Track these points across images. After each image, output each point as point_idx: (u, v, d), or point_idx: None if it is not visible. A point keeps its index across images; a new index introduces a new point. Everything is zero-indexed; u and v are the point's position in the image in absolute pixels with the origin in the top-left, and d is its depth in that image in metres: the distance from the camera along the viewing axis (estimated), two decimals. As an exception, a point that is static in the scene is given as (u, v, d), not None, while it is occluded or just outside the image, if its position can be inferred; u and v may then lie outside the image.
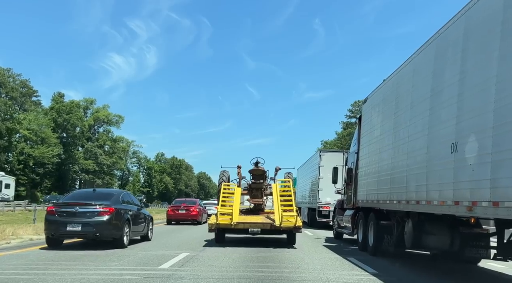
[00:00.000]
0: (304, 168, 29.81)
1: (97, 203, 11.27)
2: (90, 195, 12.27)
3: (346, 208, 15.70)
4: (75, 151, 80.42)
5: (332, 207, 22.52)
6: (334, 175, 17.44)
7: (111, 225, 11.15)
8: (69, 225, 10.89)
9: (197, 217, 27.18)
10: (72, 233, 11.08)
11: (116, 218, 11.33)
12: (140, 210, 13.47)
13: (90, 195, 12.30)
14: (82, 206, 11.15)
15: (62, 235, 11.24)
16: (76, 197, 12.21)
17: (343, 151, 23.67)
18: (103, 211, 11.10)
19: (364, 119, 13.09)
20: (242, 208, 15.28)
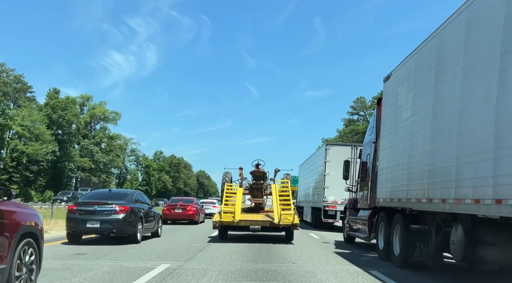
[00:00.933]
0: (307, 164, 27.50)
1: (114, 202, 12.35)
2: (107, 195, 13.44)
3: (360, 208, 13.41)
4: (71, 148, 78.06)
5: (339, 206, 20.24)
6: (345, 170, 15.12)
7: (127, 222, 12.18)
8: (88, 222, 11.95)
9: (194, 216, 25.00)
10: (92, 229, 12.17)
11: (130, 216, 12.33)
12: (151, 209, 14.56)
13: (106, 195, 13.45)
14: (100, 205, 12.24)
15: (82, 231, 12.25)
16: (95, 197, 13.41)
17: (352, 145, 21.36)
18: (119, 209, 12.16)
19: (386, 100, 10.77)
20: (244, 207, 15.89)
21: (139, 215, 12.84)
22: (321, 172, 21.57)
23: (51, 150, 69.11)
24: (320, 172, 21.85)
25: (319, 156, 22.30)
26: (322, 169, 21.29)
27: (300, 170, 32.13)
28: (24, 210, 5.24)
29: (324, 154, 21.01)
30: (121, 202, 12.42)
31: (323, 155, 21.10)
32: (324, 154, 21.01)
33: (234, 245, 12.84)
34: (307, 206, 26.55)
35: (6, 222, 4.66)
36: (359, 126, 64.24)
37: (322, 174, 21.08)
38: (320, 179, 21.84)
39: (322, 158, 21.30)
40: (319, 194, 21.99)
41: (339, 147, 21.52)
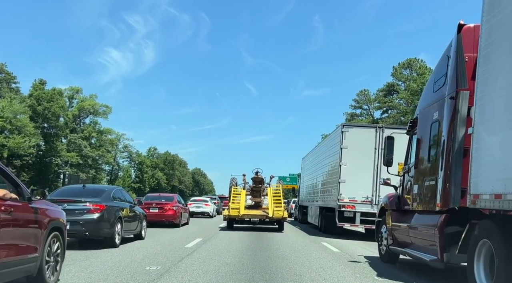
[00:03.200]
0: (314, 155, 22.37)
1: (87, 200, 10.62)
2: (80, 191, 11.46)
3: (411, 211, 8.35)
4: (57, 142, 72.68)
5: (359, 206, 15.20)
6: (388, 151, 9.98)
7: (102, 223, 10.45)
8: None
9: (174, 217, 20.00)
10: None
11: (107, 215, 10.60)
12: (133, 208, 12.82)
13: (79, 191, 11.46)
14: (71, 203, 10.37)
15: None
16: (65, 193, 11.46)
17: (376, 126, 16.27)
18: (93, 208, 10.45)
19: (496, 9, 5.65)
20: (246, 205, 19.02)
21: (117, 214, 11.04)
22: (335, 162, 16.48)
23: (34, 143, 63.78)
24: (333, 162, 16.77)
25: (333, 141, 17.19)
26: (336, 158, 16.20)
27: (304, 164, 27.04)
28: (52, 208, 6.06)
29: (339, 138, 15.91)
30: (96, 199, 10.67)
31: (339, 140, 16.00)
32: (339, 138, 15.91)
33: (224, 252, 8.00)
34: (313, 206, 21.46)
35: (40, 217, 5.51)
36: (362, 121, 59.31)
37: (337, 165, 15.99)
38: (333, 171, 16.76)
39: (337, 143, 16.20)
40: (331, 190, 16.92)
41: (359, 129, 16.35)
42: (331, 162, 17.18)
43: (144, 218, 13.60)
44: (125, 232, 11.78)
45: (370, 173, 15.68)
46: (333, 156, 16.78)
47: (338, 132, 16.45)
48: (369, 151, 15.73)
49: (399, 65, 59.18)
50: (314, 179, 21.59)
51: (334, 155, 16.61)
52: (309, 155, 24.55)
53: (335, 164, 16.45)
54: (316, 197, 20.66)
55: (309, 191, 23.50)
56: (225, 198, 53.80)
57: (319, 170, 19.79)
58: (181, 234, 15.60)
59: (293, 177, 74.35)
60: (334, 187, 16.33)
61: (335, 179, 16.31)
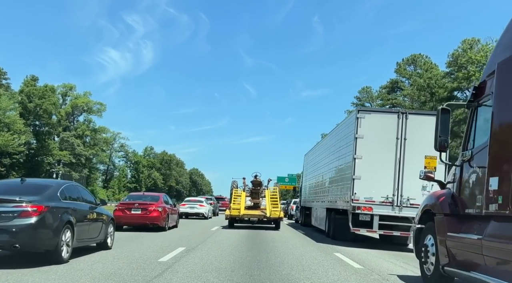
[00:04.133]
0: (319, 149, 19.52)
1: (23, 199, 7.51)
2: (16, 187, 8.31)
3: (485, 216, 5.50)
4: (49, 140, 69.72)
5: (378, 208, 12.42)
6: (442, 130, 6.79)
7: (40, 230, 7.48)
8: None
9: (159, 219, 17.18)
10: None
11: (48, 220, 7.65)
12: (94, 209, 9.76)
13: (15, 187, 8.33)
14: None
15: None
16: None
17: (398, 111, 13.46)
18: (31, 210, 7.42)
19: None
20: (246, 205, 20.26)
21: (65, 218, 8.10)
22: (347, 155, 13.66)
23: (24, 141, 60.84)
24: (345, 155, 13.94)
25: (345, 131, 14.33)
26: (350, 150, 13.37)
27: (307, 160, 24.22)
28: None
29: (354, 126, 13.07)
30: (34, 198, 7.68)
31: (353, 128, 13.16)
32: (354, 126, 13.07)
33: None
34: (319, 207, 18.63)
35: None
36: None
37: (350, 158, 13.16)
38: (345, 166, 13.93)
39: (351, 132, 13.37)
40: (343, 189, 14.09)
41: (378, 115, 13.41)
42: (342, 155, 14.34)
43: (111, 222, 10.68)
44: (80, 242, 8.89)
45: (390, 168, 12.87)
46: (346, 147, 13.95)
47: (352, 119, 13.61)
48: (389, 141, 12.92)
49: (403, 61, 56.45)
50: (320, 177, 18.75)
51: (347, 147, 13.78)
52: (313, 149, 21.71)
53: (348, 157, 13.61)
54: (322, 197, 17.83)
55: (313, 190, 20.68)
56: (222, 199, 51.17)
57: (327, 165, 16.94)
58: (161, 240, 12.75)
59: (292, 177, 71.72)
60: (347, 185, 13.51)
61: (347, 175, 13.49)
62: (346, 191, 13.59)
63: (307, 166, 23.88)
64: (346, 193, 13.51)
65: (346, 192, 13.52)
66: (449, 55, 42.11)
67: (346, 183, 13.59)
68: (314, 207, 20.42)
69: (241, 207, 19.46)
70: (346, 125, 14.21)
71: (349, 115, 13.92)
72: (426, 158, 12.72)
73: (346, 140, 13.96)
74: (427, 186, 12.67)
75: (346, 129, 14.08)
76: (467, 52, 38.51)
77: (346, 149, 13.85)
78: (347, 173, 13.62)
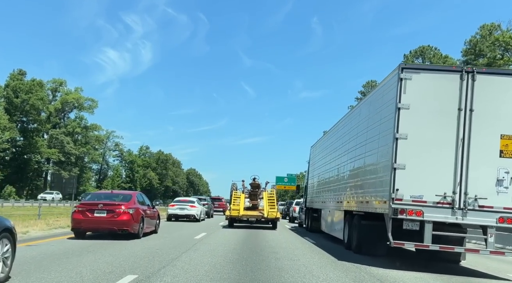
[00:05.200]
0: (335, 134, 15.02)
1: None
2: None
3: None
4: (37, 138, 65.30)
5: (430, 211, 8.24)
6: None
7: None
8: None
9: (129, 224, 13.08)
10: None
11: None
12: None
13: None
14: None
15: None
16: None
17: (462, 69, 9.12)
18: None
19: None
20: (245, 206, 20.76)
21: None
22: (383, 135, 9.36)
23: (8, 137, 56.49)
24: (380, 134, 9.63)
25: (381, 100, 9.87)
26: (388, 127, 9.08)
27: (314, 152, 19.93)
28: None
29: (395, 91, 8.76)
30: None
31: (394, 94, 8.86)
32: (395, 92, 8.77)
33: None
34: (334, 210, 14.34)
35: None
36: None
37: (389, 139, 8.88)
38: (380, 151, 9.61)
39: (390, 101, 9.07)
40: (375, 184, 9.79)
41: (432, 74, 8.81)
42: (375, 136, 10.04)
43: (12, 235, 6.33)
44: None
45: (449, 153, 8.61)
46: (381, 125, 9.66)
47: (391, 82, 9.27)
48: (448, 114, 8.66)
49: (411, 53, 52.25)
50: (334, 170, 14.44)
51: (383, 123, 9.50)
52: (325, 138, 17.35)
53: (384, 138, 9.33)
54: (338, 196, 13.53)
55: (324, 188, 16.40)
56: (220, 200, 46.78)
57: (347, 153, 12.56)
58: (112, 259, 8.44)
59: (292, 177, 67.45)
60: (382, 178, 9.25)
61: (384, 163, 9.22)
62: (381, 187, 9.33)
63: (314, 159, 19.57)
64: (382, 189, 9.24)
65: (382, 188, 9.25)
66: (466, 42, 37.92)
67: (382, 175, 9.32)
68: (325, 208, 16.17)
69: (240, 208, 20.12)
70: (382, 93, 9.84)
71: (387, 78, 9.60)
72: (503, 138, 8.54)
73: (381, 114, 9.66)
74: (504, 179, 8.45)
75: (382, 98, 9.74)
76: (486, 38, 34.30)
77: (382, 127, 9.56)
78: (382, 161, 9.35)
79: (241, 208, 20.02)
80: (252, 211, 20.39)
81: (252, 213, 19.97)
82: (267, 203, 20.23)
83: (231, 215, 19.77)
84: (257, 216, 19.67)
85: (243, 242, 12.65)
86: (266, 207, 19.91)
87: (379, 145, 9.67)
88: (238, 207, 20.10)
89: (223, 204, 45.21)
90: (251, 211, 20.30)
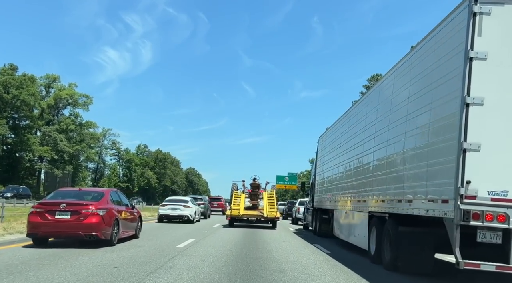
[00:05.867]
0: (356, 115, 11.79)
1: None
2: None
3: None
4: (29, 135, 62.25)
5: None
6: None
7: None
8: None
9: (98, 228, 10.42)
10: None
11: None
12: None
13: None
14: None
15: None
16: None
17: None
18: None
19: None
20: (245, 206, 20.73)
21: None
22: (443, 100, 6.30)
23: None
24: (437, 100, 6.54)
25: (440, 49, 6.57)
26: (452, 89, 6.03)
27: (324, 143, 16.86)
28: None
29: (466, 31, 5.75)
30: None
31: (463, 36, 5.84)
32: (466, 32, 5.75)
33: None
34: (352, 211, 11.29)
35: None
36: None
37: (455, 105, 5.85)
38: (438, 126, 6.54)
39: (457, 47, 6.01)
40: (426, 175, 6.73)
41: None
42: (423, 107, 6.89)
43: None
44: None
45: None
46: (436, 88, 6.55)
47: (457, 22, 6.16)
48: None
49: (418, 45, 49.08)
50: (353, 161, 11.37)
51: (440, 86, 6.41)
52: (338, 124, 14.22)
53: (442, 106, 6.27)
54: (360, 194, 10.47)
55: (337, 184, 13.34)
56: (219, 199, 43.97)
57: (373, 138, 9.35)
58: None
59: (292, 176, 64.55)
60: (441, 166, 6.21)
61: (443, 144, 6.17)
62: (436, 179, 6.30)
63: (324, 151, 16.50)
64: (438, 182, 6.22)
65: (438, 180, 6.23)
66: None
67: (438, 161, 6.28)
68: (338, 209, 13.13)
69: (240, 207, 20.27)
70: (439, 42, 6.66)
71: (446, 19, 6.48)
72: None
73: (437, 73, 6.57)
74: None
75: (440, 49, 6.61)
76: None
77: (437, 92, 6.51)
78: (439, 140, 6.32)
79: (241, 208, 20.20)
80: (252, 210, 20.54)
81: (252, 213, 20.13)
82: (267, 203, 20.43)
83: (231, 214, 20.02)
84: (257, 216, 19.84)
85: (237, 254, 9.63)
86: (266, 206, 20.14)
87: (432, 118, 6.61)
88: (239, 207, 20.32)
89: (222, 204, 42.82)
90: (251, 211, 20.46)
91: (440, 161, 6.18)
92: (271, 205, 20.51)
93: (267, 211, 19.70)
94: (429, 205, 6.49)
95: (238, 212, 19.88)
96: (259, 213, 19.90)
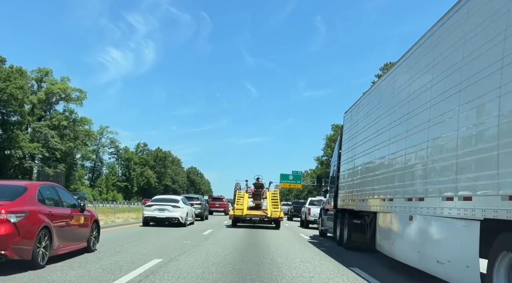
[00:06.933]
0: (405, 72, 7.09)
1: None
2: None
3: None
4: (18, 131, 57.63)
5: None
6: None
7: None
8: None
9: (8, 243, 6.05)
10: None
11: None
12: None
13: None
14: None
15: None
16: None
17: None
18: None
19: None
20: (248, 206, 20.61)
21: None
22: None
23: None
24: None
25: None
26: None
27: (359, 114, 11.67)
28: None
29: None
30: None
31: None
32: None
33: None
34: (426, 217, 6.39)
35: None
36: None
37: None
38: None
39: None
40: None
41: None
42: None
43: None
44: None
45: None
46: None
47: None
48: None
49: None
50: (426, 130, 6.49)
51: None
52: (388, 79, 9.29)
53: None
54: (449, 185, 5.57)
55: (388, 173, 8.41)
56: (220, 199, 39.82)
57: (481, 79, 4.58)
58: None
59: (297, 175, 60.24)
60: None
61: None
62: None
63: (357, 128, 11.48)
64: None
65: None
66: None
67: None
68: (389, 212, 8.22)
69: (244, 207, 20.04)
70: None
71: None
72: None
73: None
74: None
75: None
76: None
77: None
78: None
79: (244, 208, 20.03)
80: (256, 210, 20.39)
81: (256, 213, 19.98)
82: (270, 203, 20.17)
83: (235, 214, 19.82)
84: (261, 216, 19.72)
85: None
86: (269, 206, 19.90)
87: None
88: (242, 207, 20.15)
89: (224, 204, 39.33)
90: (254, 211, 20.32)
91: None
92: (274, 205, 20.11)
93: (270, 211, 19.45)
94: None
95: (242, 212, 19.64)
96: (263, 213, 19.71)
